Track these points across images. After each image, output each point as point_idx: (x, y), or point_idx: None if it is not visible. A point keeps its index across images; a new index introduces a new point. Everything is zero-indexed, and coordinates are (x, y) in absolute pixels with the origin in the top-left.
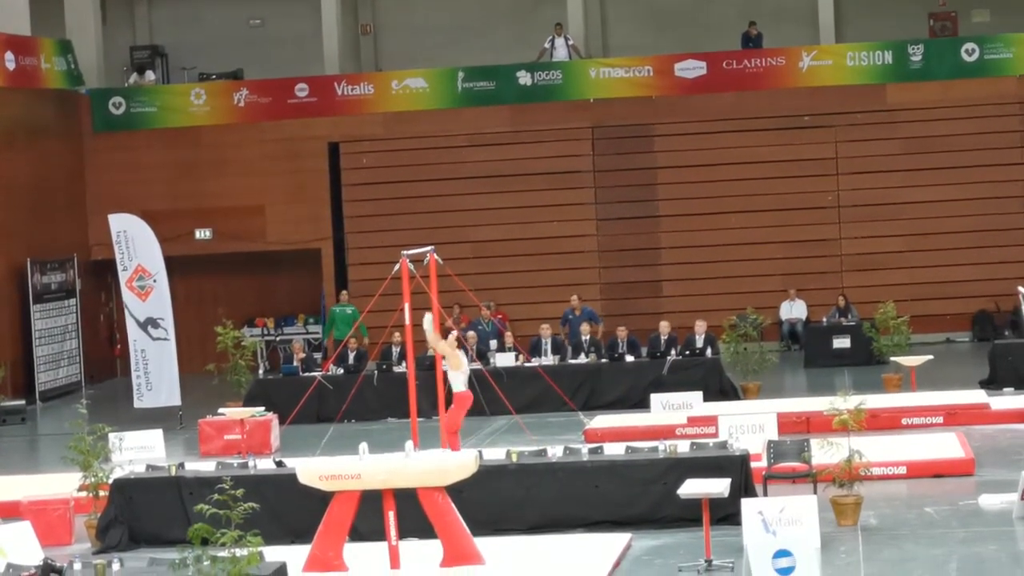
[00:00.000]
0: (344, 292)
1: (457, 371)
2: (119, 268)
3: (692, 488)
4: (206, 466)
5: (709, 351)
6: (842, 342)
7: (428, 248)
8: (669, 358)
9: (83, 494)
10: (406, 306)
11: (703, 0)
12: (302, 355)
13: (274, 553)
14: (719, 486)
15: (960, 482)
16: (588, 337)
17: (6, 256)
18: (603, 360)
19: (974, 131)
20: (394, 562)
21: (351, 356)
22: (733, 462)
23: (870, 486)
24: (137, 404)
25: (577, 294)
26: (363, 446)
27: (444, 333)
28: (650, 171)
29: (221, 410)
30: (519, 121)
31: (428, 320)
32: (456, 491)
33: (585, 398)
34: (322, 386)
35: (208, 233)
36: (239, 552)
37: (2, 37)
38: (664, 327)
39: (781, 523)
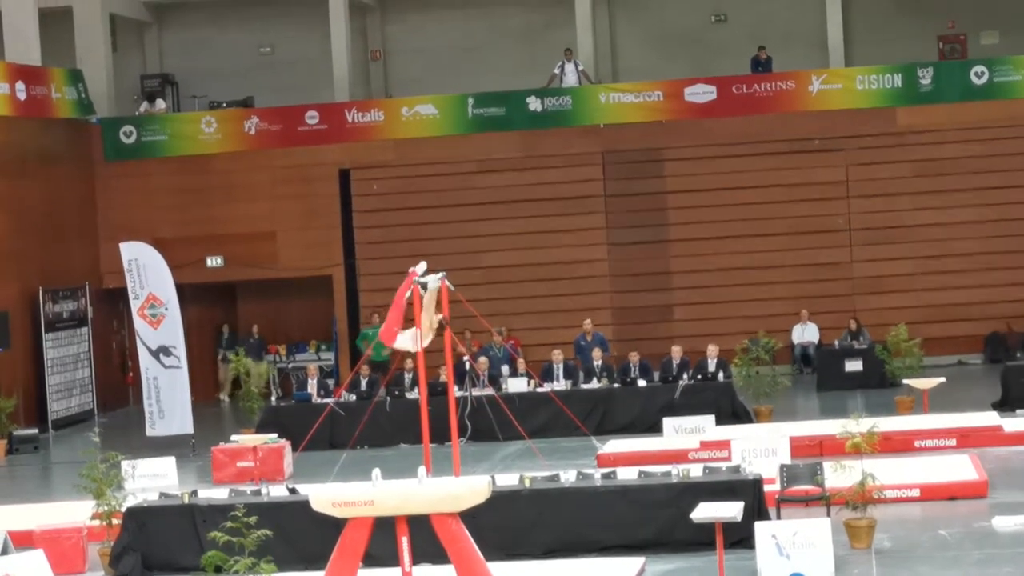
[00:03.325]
0: (375, 315)
1: (413, 335)
2: (131, 296)
3: (705, 512)
4: (219, 493)
5: (721, 375)
6: (854, 365)
7: (440, 274)
8: (681, 382)
9: (96, 522)
10: (418, 332)
11: (712, 24)
12: (316, 376)
13: None
14: (732, 510)
15: (974, 504)
16: (600, 362)
17: (19, 284)
18: (615, 384)
19: (985, 153)
20: None
21: (363, 382)
22: (746, 486)
23: (883, 509)
24: (149, 432)
25: (590, 318)
26: (376, 472)
27: (456, 357)
28: (661, 196)
29: (234, 437)
30: (529, 147)
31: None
32: (469, 516)
33: (597, 422)
34: (334, 412)
35: (219, 260)
36: None
37: (13, 67)
38: (676, 351)
39: (795, 546)
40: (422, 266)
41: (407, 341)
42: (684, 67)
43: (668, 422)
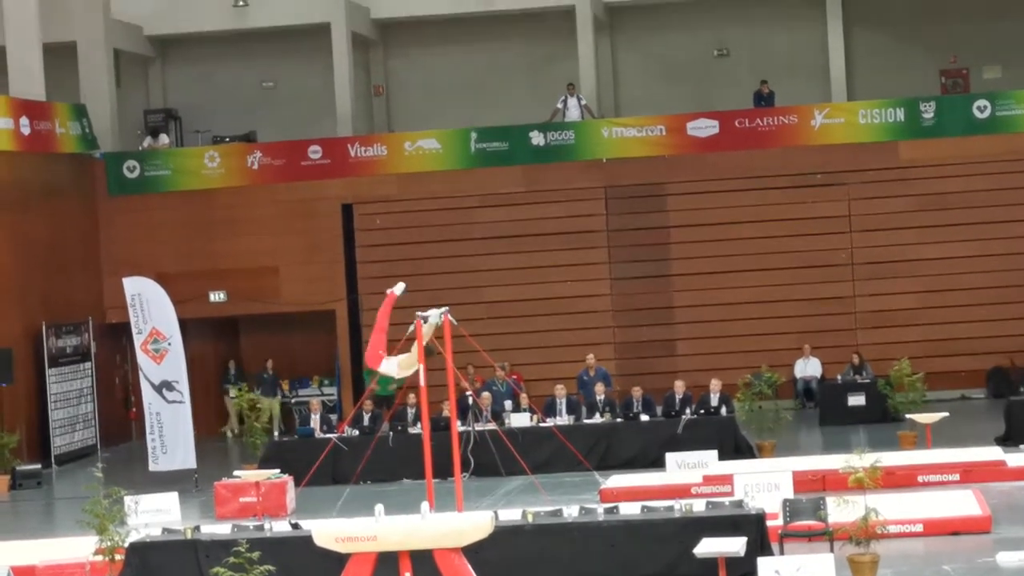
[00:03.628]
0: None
1: (401, 365)
2: (134, 331)
3: (708, 547)
4: (222, 529)
5: (724, 409)
6: (857, 399)
7: (442, 309)
8: (684, 417)
9: (99, 558)
10: (420, 367)
11: (715, 58)
12: (319, 411)
13: None
14: (735, 545)
15: (977, 540)
16: (603, 397)
17: (22, 320)
18: (618, 419)
19: (987, 187)
20: None
21: (366, 417)
22: (749, 520)
23: (887, 544)
24: (152, 467)
25: (592, 353)
26: (379, 507)
27: (459, 392)
28: (663, 230)
29: (236, 472)
30: (532, 181)
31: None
32: (472, 552)
33: (600, 457)
34: (337, 447)
35: (222, 295)
36: None
37: (17, 102)
38: (679, 386)
39: None
40: (400, 287)
41: (392, 367)
42: (687, 101)
43: (671, 457)
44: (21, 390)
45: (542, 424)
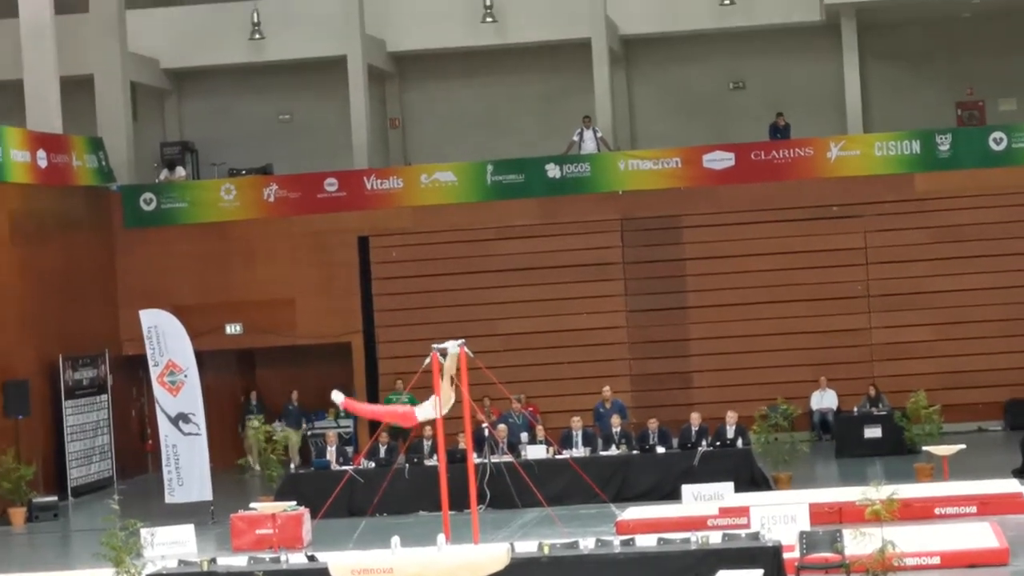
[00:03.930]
0: (399, 381)
1: (433, 403)
2: (150, 363)
3: None
4: (238, 561)
5: (740, 441)
6: (873, 432)
7: (459, 341)
8: (700, 449)
9: None
10: (437, 399)
11: (731, 91)
12: (335, 443)
13: None
14: None
15: (994, 572)
16: (619, 429)
17: (38, 352)
18: (634, 451)
19: (1003, 219)
20: None
21: (382, 449)
22: (766, 553)
23: None
24: (168, 499)
25: (608, 385)
26: (395, 540)
27: (475, 424)
28: (679, 262)
29: (253, 504)
30: (548, 213)
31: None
32: None
33: (616, 489)
34: (353, 479)
35: (239, 327)
36: None
37: (35, 135)
38: (695, 418)
39: None
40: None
41: (428, 410)
42: (703, 133)
43: (687, 489)
44: (38, 422)
45: (558, 456)
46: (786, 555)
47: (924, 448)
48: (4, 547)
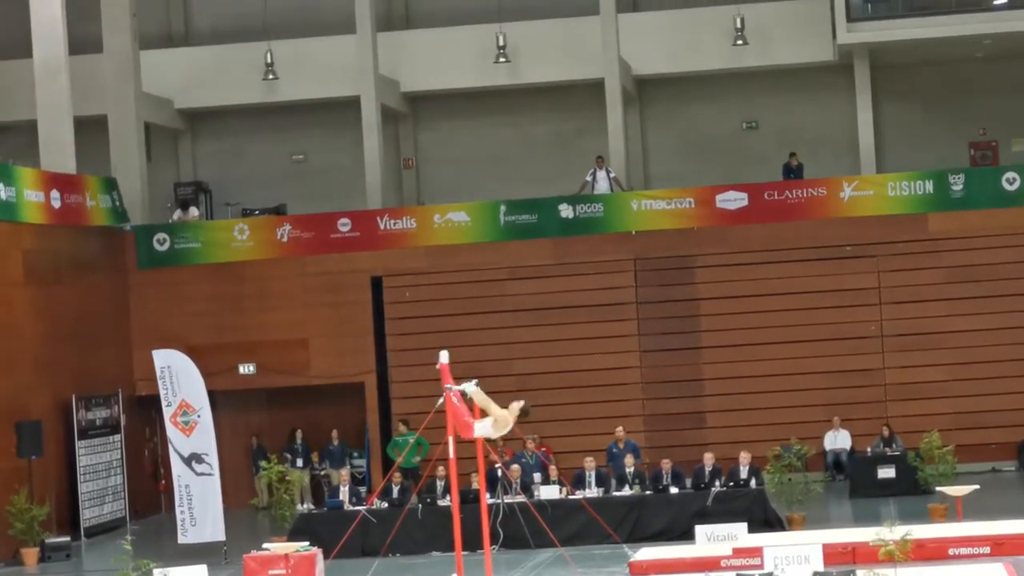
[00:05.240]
0: (402, 425)
1: (495, 425)
2: (163, 404)
3: None
4: None
5: (753, 482)
6: (887, 472)
7: (473, 381)
8: (713, 489)
9: None
10: (450, 439)
11: (744, 131)
12: (348, 483)
13: None
14: None
15: None
16: (632, 469)
17: (52, 392)
18: (647, 492)
19: (1017, 259)
20: None
21: (395, 489)
22: None
23: None
24: (181, 540)
25: (621, 426)
26: None
27: (488, 464)
28: (692, 302)
29: (266, 545)
30: (561, 254)
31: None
32: None
33: (630, 530)
34: (366, 519)
35: (252, 367)
36: None
37: (48, 175)
38: (708, 458)
39: None
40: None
41: (486, 428)
42: (716, 174)
43: (700, 529)
44: (51, 462)
45: (571, 496)
46: None
47: (938, 488)
48: None
